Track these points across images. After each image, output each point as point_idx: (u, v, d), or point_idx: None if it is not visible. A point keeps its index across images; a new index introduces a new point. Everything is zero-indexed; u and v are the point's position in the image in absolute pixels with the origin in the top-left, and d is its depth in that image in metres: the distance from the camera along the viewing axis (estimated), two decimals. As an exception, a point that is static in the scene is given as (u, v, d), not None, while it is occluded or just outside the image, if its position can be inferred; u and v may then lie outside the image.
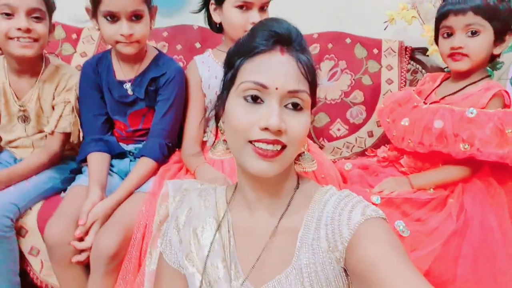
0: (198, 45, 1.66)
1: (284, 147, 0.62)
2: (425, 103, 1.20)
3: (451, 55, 1.14)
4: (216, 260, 0.68)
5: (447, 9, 1.12)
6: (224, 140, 0.71)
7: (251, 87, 0.62)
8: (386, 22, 1.52)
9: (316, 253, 0.63)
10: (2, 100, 1.25)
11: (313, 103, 0.67)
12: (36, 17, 1.14)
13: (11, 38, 1.13)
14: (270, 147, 0.61)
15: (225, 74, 0.69)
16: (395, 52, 1.65)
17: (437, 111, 1.13)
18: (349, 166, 1.27)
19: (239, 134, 0.63)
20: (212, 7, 1.22)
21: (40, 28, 1.15)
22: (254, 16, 1.15)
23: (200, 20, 1.69)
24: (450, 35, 1.14)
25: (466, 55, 1.11)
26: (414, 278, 0.54)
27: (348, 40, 1.67)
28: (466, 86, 1.16)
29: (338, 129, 1.65)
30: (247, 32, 0.68)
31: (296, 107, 0.63)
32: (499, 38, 1.11)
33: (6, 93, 1.24)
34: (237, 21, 1.16)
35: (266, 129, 0.60)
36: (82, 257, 1.04)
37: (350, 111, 1.64)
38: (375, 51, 1.66)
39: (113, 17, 1.12)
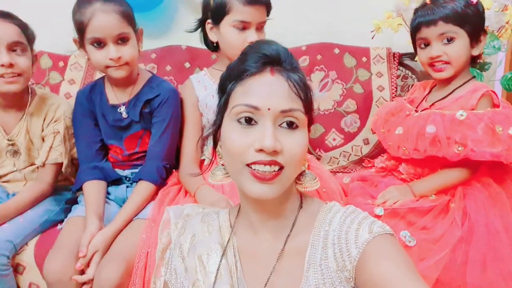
0: (187, 64, 1.67)
1: (281, 168, 0.61)
2: (416, 111, 1.21)
3: (431, 65, 1.16)
4: (223, 287, 0.67)
5: (418, 22, 1.15)
6: (223, 165, 0.71)
7: (243, 110, 0.62)
8: (373, 31, 1.54)
9: (325, 273, 0.63)
10: None
11: (310, 121, 0.67)
12: (18, 51, 1.13)
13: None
14: (267, 168, 0.61)
15: (219, 99, 0.69)
16: (383, 59, 1.67)
17: (428, 116, 1.14)
18: (347, 180, 1.27)
19: (235, 157, 0.62)
20: (208, 26, 1.23)
21: (23, 61, 1.14)
22: (252, 36, 1.15)
23: (188, 40, 1.71)
24: (427, 45, 1.16)
25: (448, 62, 1.13)
26: None
27: (336, 50, 1.68)
28: (454, 90, 1.17)
29: (334, 139, 1.65)
30: (237, 56, 0.68)
31: (291, 126, 0.62)
32: (474, 40, 1.13)
33: None
34: (234, 41, 1.16)
35: (261, 150, 0.60)
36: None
37: (344, 120, 1.65)
38: (364, 59, 1.68)
39: (99, 43, 1.12)
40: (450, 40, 1.11)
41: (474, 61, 1.20)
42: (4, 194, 1.26)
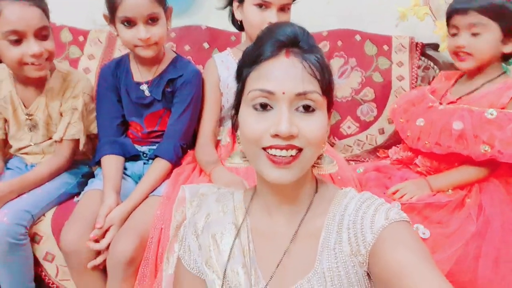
0: (206, 45, 1.66)
1: (300, 150, 0.61)
2: (440, 103, 1.19)
3: (456, 54, 1.14)
4: (236, 266, 0.68)
5: (451, 8, 1.13)
6: (241, 151, 0.71)
7: (258, 95, 0.62)
8: (397, 19, 1.50)
9: (339, 257, 0.63)
10: (10, 109, 1.23)
11: (330, 103, 0.66)
12: (44, 35, 1.10)
13: (25, 64, 1.09)
14: (283, 153, 0.60)
15: (237, 85, 0.69)
16: (405, 48, 1.64)
17: (455, 112, 1.11)
18: (361, 170, 1.26)
19: (252, 142, 0.62)
20: (235, 4, 1.22)
21: (49, 45, 1.12)
22: (272, 16, 1.14)
23: (208, 20, 1.70)
24: (456, 34, 1.13)
25: (470, 54, 1.11)
26: (439, 282, 0.53)
27: (357, 37, 1.66)
28: (483, 84, 1.14)
29: (349, 127, 1.63)
30: (253, 42, 0.67)
31: (307, 109, 0.61)
32: (508, 37, 1.09)
33: (14, 102, 1.22)
34: (254, 19, 1.15)
35: (277, 135, 0.60)
36: (97, 261, 1.04)
37: (361, 108, 1.63)
38: (385, 47, 1.64)
39: (130, 22, 1.12)
40: (477, 34, 1.08)
41: (507, 58, 1.16)
42: (22, 165, 1.29)
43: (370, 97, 1.62)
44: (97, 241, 1.03)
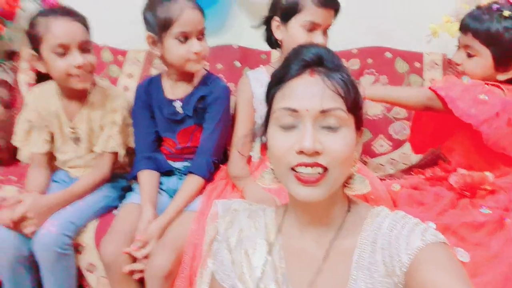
0: (237, 64, 1.70)
1: (326, 169, 0.61)
2: None
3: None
4: (269, 283, 0.69)
5: (460, 23, 1.14)
6: (272, 169, 0.72)
7: (283, 114, 0.63)
8: (428, 35, 1.49)
9: (374, 278, 0.63)
10: (56, 123, 1.31)
11: (359, 120, 0.66)
12: (87, 49, 1.19)
13: (70, 75, 1.17)
14: (309, 170, 0.61)
15: (267, 105, 0.71)
16: (438, 65, 1.62)
17: None
18: (396, 187, 1.24)
19: (279, 161, 0.64)
20: (275, 23, 1.23)
21: (91, 58, 1.20)
22: (318, 38, 1.15)
23: (239, 40, 1.75)
24: (459, 48, 1.16)
25: (463, 72, 1.12)
26: None
27: (388, 54, 1.65)
28: None
29: (381, 145, 1.62)
30: (281, 64, 0.69)
31: (332, 126, 0.62)
32: (502, 65, 1.08)
33: (60, 116, 1.31)
34: (301, 41, 1.14)
35: (301, 152, 0.60)
36: (135, 266, 1.08)
37: (393, 126, 1.61)
38: (417, 64, 1.63)
39: (185, 37, 1.17)
40: (470, 55, 1.09)
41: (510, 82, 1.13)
42: (67, 178, 1.36)
43: (402, 115, 1.60)
44: (134, 259, 1.08)
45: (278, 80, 0.67)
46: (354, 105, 0.64)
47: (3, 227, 1.13)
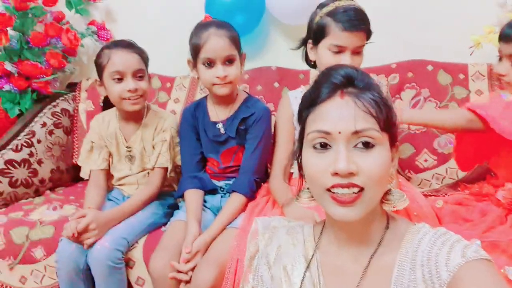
0: (276, 84, 1.74)
1: (361, 189, 0.61)
2: None
3: (498, 79, 1.12)
4: (308, 299, 0.69)
5: (500, 33, 1.10)
6: (308, 188, 0.73)
7: (316, 136, 0.64)
8: (471, 47, 1.45)
9: None
10: (114, 143, 1.46)
11: (393, 138, 0.66)
12: (140, 76, 1.34)
13: (124, 99, 1.33)
14: (346, 191, 0.61)
15: (299, 127, 0.72)
16: (484, 76, 1.55)
17: None
18: (440, 204, 1.20)
19: (315, 183, 0.64)
20: (309, 45, 1.28)
21: (143, 85, 1.35)
22: (345, 60, 1.16)
23: (277, 61, 1.80)
24: (500, 59, 1.11)
25: (508, 83, 1.06)
26: None
27: (429, 67, 1.62)
28: None
29: (425, 160, 1.57)
30: (311, 86, 0.71)
31: (366, 146, 0.62)
32: None
33: (117, 137, 1.45)
34: (329, 63, 1.16)
35: (336, 174, 0.61)
36: (181, 276, 1.12)
37: (438, 140, 1.56)
38: (461, 76, 1.58)
39: (210, 63, 1.26)
40: None
41: None
42: (120, 196, 1.48)
43: (448, 128, 1.55)
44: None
45: (309, 103, 0.68)
46: (387, 123, 0.65)
47: (65, 240, 1.24)
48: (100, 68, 1.35)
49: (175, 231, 1.25)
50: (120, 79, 1.31)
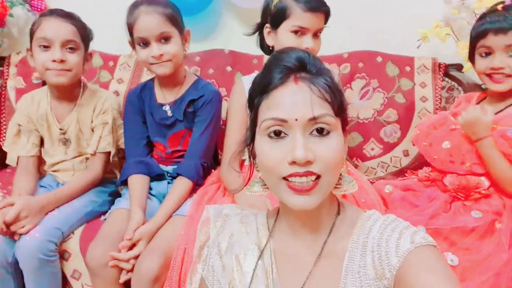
0: (229, 68, 1.70)
1: (318, 177, 0.61)
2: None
3: (489, 75, 1.11)
4: (259, 287, 0.68)
5: (485, 28, 1.09)
6: (261, 177, 0.71)
7: (272, 124, 0.62)
8: (419, 40, 1.50)
9: (363, 281, 0.62)
10: (45, 125, 1.33)
11: (344, 123, 0.66)
12: (70, 48, 1.23)
13: (48, 69, 1.22)
14: (303, 179, 0.60)
15: (249, 114, 0.70)
16: (428, 69, 1.63)
17: None
18: (389, 189, 1.24)
19: (271, 172, 0.62)
20: (266, 30, 1.26)
21: (73, 58, 1.24)
22: (307, 42, 1.17)
23: (230, 44, 1.75)
24: (488, 54, 1.11)
25: (510, 75, 1.08)
26: None
27: (379, 59, 1.66)
28: (507, 107, 1.13)
29: (372, 149, 1.62)
30: (261, 71, 0.68)
31: (322, 132, 0.61)
32: None
33: (48, 118, 1.33)
34: (291, 46, 1.16)
35: (294, 162, 0.60)
36: (126, 276, 1.06)
37: (384, 130, 1.62)
38: (408, 68, 1.64)
39: (144, 43, 1.20)
40: None
41: None
42: (54, 182, 1.35)
43: (393, 118, 1.61)
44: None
45: (261, 89, 0.65)
46: (340, 108, 0.64)
47: None
48: (31, 36, 1.24)
49: (116, 219, 1.17)
50: (47, 47, 1.21)
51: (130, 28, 1.22)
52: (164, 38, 1.21)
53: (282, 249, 0.71)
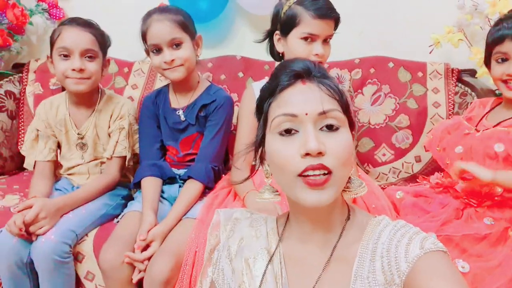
0: (241, 74, 1.71)
1: (330, 172, 0.61)
2: (477, 131, 1.16)
3: (505, 81, 1.10)
4: (269, 291, 0.68)
5: (502, 33, 1.08)
6: (271, 185, 0.72)
7: (283, 120, 0.63)
8: (431, 45, 1.49)
9: (372, 286, 0.62)
10: (63, 130, 1.36)
11: (351, 123, 0.67)
12: (89, 56, 1.26)
13: (68, 77, 1.25)
14: (317, 172, 0.61)
15: (258, 120, 0.71)
16: (441, 75, 1.61)
17: (492, 135, 1.08)
18: (400, 195, 1.23)
19: (285, 170, 0.62)
20: (276, 37, 1.26)
21: (92, 66, 1.27)
22: (317, 48, 1.17)
23: (242, 51, 1.77)
24: (505, 60, 1.10)
25: None
26: None
27: (391, 64, 1.65)
28: None
29: (384, 154, 1.61)
30: (269, 79, 0.70)
31: (331, 127, 0.63)
32: None
33: (67, 123, 1.36)
34: (301, 52, 1.18)
35: (307, 154, 0.60)
36: (139, 274, 1.07)
37: (396, 135, 1.60)
38: (420, 74, 1.63)
39: (157, 49, 1.24)
40: None
41: None
42: (69, 186, 1.37)
43: (405, 124, 1.60)
44: (131, 265, 1.08)
45: (270, 93, 0.67)
46: (346, 107, 0.67)
47: (5, 231, 1.14)
48: (51, 44, 1.28)
49: (129, 222, 1.19)
50: (67, 56, 1.25)
51: (144, 36, 1.26)
52: (176, 44, 1.24)
53: (292, 253, 0.71)
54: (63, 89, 1.36)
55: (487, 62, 1.16)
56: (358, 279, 0.63)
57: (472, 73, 1.59)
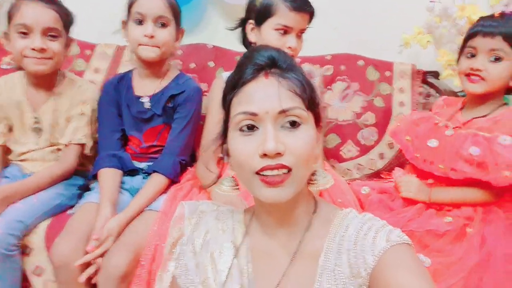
0: (211, 64, 1.67)
1: (290, 170, 0.61)
2: (446, 127, 1.18)
3: (468, 75, 1.14)
4: (234, 286, 0.67)
5: (476, 29, 1.12)
6: (233, 177, 0.70)
7: (243, 118, 0.62)
8: (401, 45, 1.52)
9: (338, 279, 0.62)
10: (17, 113, 1.27)
11: (317, 117, 0.67)
12: (52, 35, 1.18)
13: (26, 56, 1.16)
14: (275, 172, 0.60)
15: (224, 113, 0.70)
16: (407, 75, 1.65)
17: (467, 137, 1.11)
18: (366, 190, 1.24)
19: (243, 166, 0.62)
20: (249, 26, 1.24)
21: (54, 46, 1.19)
22: (291, 41, 1.17)
23: (214, 39, 1.73)
24: (473, 55, 1.13)
25: (483, 78, 1.11)
26: None
27: (360, 62, 1.68)
28: (488, 113, 1.15)
29: (349, 150, 1.63)
30: (234, 69, 0.69)
31: (293, 125, 0.62)
32: None
33: (23, 105, 1.26)
34: (274, 44, 1.16)
35: (265, 155, 0.60)
36: (89, 272, 1.01)
37: (362, 132, 1.63)
38: (387, 73, 1.66)
39: (141, 21, 1.19)
40: (497, 59, 1.09)
41: (507, 92, 1.18)
42: (19, 173, 1.28)
43: (371, 121, 1.63)
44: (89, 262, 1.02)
45: (233, 85, 0.66)
46: (311, 102, 0.65)
47: None
48: (9, 19, 1.18)
49: (85, 214, 1.12)
50: (26, 34, 1.15)
51: (131, 3, 1.20)
52: (162, 23, 1.20)
53: (258, 247, 0.70)
54: (19, 68, 1.26)
55: (459, 58, 1.20)
56: (325, 273, 0.63)
57: (436, 75, 1.65)
